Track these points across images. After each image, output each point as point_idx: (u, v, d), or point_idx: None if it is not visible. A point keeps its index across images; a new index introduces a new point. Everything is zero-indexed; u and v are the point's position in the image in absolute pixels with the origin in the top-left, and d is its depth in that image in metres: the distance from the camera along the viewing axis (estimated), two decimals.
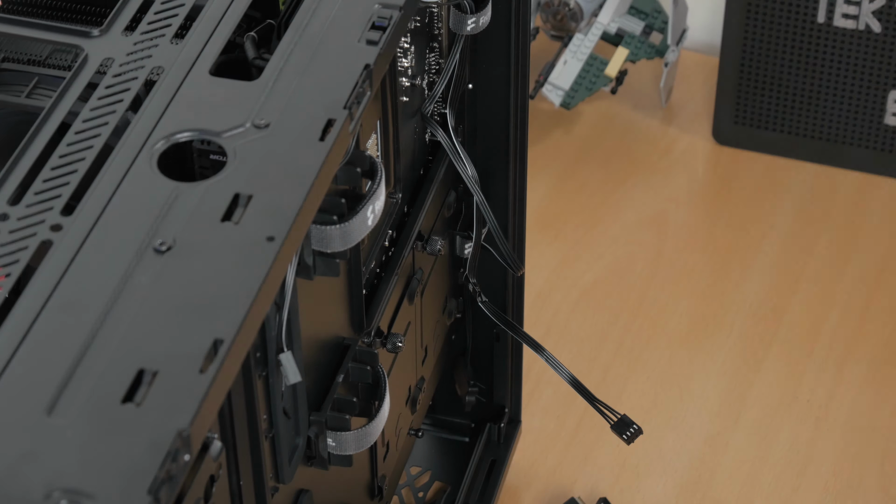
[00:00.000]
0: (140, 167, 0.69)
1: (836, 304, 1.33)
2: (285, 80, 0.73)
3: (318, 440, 0.82)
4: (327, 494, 0.88)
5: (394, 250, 0.93)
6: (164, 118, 0.72)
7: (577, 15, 1.43)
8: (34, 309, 0.63)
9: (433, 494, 1.18)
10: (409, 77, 0.91)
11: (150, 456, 0.57)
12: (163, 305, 0.63)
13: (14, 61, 0.83)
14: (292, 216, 0.66)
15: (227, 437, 0.70)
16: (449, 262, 1.04)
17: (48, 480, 0.57)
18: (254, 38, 0.79)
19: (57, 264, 0.65)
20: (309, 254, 0.75)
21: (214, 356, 0.61)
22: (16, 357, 0.62)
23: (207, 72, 0.74)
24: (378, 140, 0.86)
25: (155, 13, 0.79)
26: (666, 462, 1.21)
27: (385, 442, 0.96)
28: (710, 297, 1.34)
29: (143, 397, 0.59)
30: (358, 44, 0.75)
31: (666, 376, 1.28)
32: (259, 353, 0.73)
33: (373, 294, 0.90)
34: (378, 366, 0.86)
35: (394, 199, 0.91)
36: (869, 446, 1.22)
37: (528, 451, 1.21)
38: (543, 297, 1.34)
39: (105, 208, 0.67)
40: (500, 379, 1.16)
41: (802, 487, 1.19)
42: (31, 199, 0.69)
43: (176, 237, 0.65)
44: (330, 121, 0.71)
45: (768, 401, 1.25)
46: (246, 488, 0.74)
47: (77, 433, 0.58)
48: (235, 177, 0.68)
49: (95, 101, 0.73)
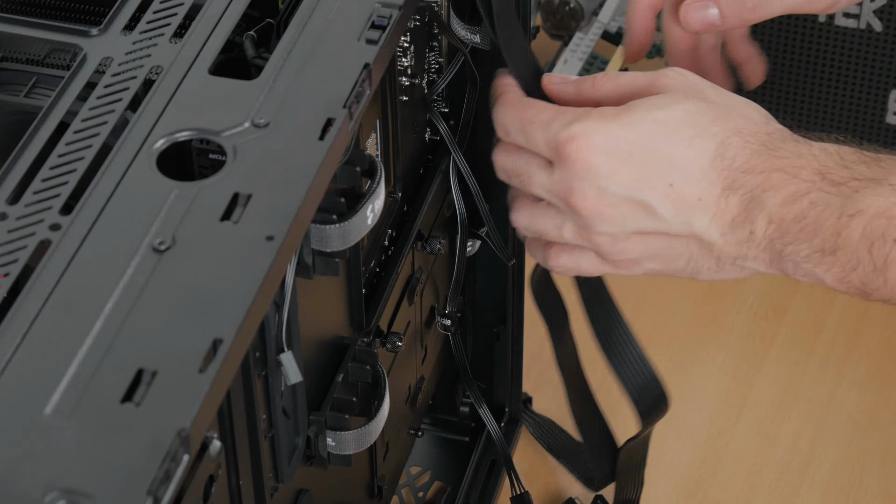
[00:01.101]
0: (139, 166, 0.69)
1: (837, 304, 1.32)
2: (284, 79, 0.73)
3: (317, 440, 0.82)
4: (327, 494, 0.88)
5: (393, 249, 0.93)
6: (163, 117, 0.72)
7: (578, 14, 1.43)
8: (33, 309, 0.63)
9: (433, 494, 1.18)
10: (409, 76, 0.90)
11: (149, 456, 0.57)
12: (162, 305, 0.63)
13: (12, 60, 0.83)
14: (292, 215, 0.66)
15: (226, 437, 0.70)
16: (449, 262, 1.04)
17: (47, 480, 0.57)
18: (253, 38, 0.79)
19: (56, 264, 0.65)
20: (308, 253, 0.74)
21: (214, 356, 0.61)
22: (14, 357, 0.61)
23: (206, 71, 0.74)
24: (378, 139, 0.86)
25: (154, 12, 0.79)
26: (666, 462, 1.20)
27: (385, 441, 0.96)
28: (710, 297, 1.33)
29: (142, 397, 0.59)
30: (357, 43, 0.75)
31: (666, 376, 1.27)
32: (258, 353, 0.73)
33: (372, 293, 0.90)
34: (378, 365, 0.86)
35: (393, 197, 0.91)
36: (870, 446, 1.21)
37: (528, 451, 1.20)
38: None
39: (104, 208, 0.67)
40: (500, 379, 1.16)
41: (803, 487, 1.18)
42: (29, 199, 0.68)
43: (175, 236, 0.65)
44: (329, 120, 0.71)
45: (769, 400, 1.25)
46: (245, 488, 0.74)
47: (76, 433, 0.58)
48: (235, 176, 0.68)
49: (94, 101, 0.73)
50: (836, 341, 1.30)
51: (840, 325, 1.31)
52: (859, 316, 1.32)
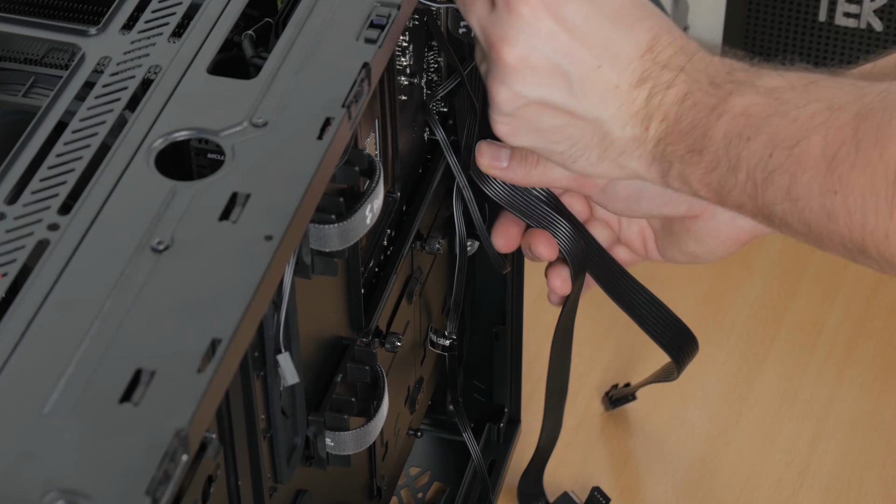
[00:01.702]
0: (137, 166, 0.69)
1: (837, 304, 1.32)
2: (283, 79, 0.73)
3: (316, 440, 0.82)
4: (326, 495, 0.87)
5: (392, 249, 0.93)
6: (161, 117, 0.71)
7: None
8: (31, 308, 0.63)
9: (433, 495, 1.17)
10: (408, 75, 0.90)
11: (148, 456, 0.57)
12: (160, 305, 0.63)
13: (11, 60, 0.83)
14: (290, 215, 0.66)
15: (224, 437, 0.70)
16: (448, 262, 1.04)
17: (45, 481, 0.57)
18: (251, 37, 0.79)
19: (54, 264, 0.65)
20: (307, 253, 0.74)
21: (212, 356, 0.61)
22: (13, 357, 0.61)
23: (205, 70, 0.74)
24: (376, 138, 0.86)
25: (152, 11, 0.78)
26: (667, 462, 1.20)
27: (384, 442, 0.96)
28: (710, 297, 1.33)
29: (141, 397, 0.59)
30: (356, 42, 0.75)
31: None
32: (257, 353, 0.73)
33: (371, 293, 0.90)
34: (377, 365, 0.86)
35: (392, 197, 0.90)
36: (870, 447, 1.21)
37: (528, 452, 1.20)
38: (543, 297, 1.34)
39: (102, 207, 0.67)
40: (499, 379, 1.16)
41: (803, 488, 1.18)
42: (28, 199, 0.68)
43: (173, 236, 0.65)
44: (328, 119, 0.71)
45: (769, 401, 1.25)
46: (244, 488, 0.73)
47: (74, 433, 0.58)
48: (233, 175, 0.68)
49: (92, 100, 0.73)
50: (836, 341, 1.30)
51: (840, 326, 1.31)
52: (859, 316, 1.31)
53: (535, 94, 0.82)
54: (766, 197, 0.77)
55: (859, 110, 0.73)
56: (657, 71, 0.81)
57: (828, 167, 0.74)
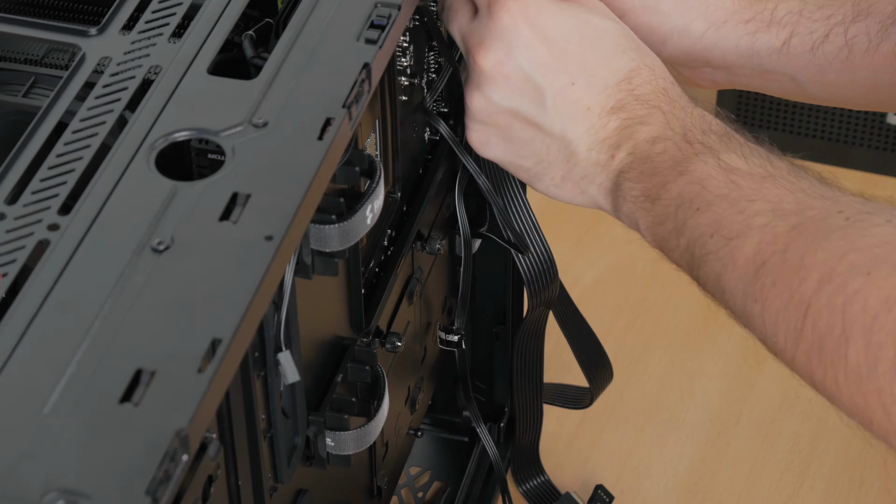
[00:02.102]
0: (138, 166, 0.69)
1: None
2: (283, 79, 0.73)
3: (316, 440, 0.82)
4: (326, 494, 0.87)
5: (393, 249, 0.93)
6: (161, 117, 0.71)
7: None
8: (31, 309, 0.63)
9: (433, 494, 1.17)
10: (408, 76, 0.90)
11: (148, 456, 0.57)
12: (161, 305, 0.63)
13: (11, 60, 0.83)
14: (291, 215, 0.66)
15: (225, 437, 0.70)
16: (449, 262, 1.04)
17: (45, 481, 0.57)
18: (252, 37, 0.79)
19: (54, 264, 0.65)
20: (307, 253, 0.74)
21: (212, 356, 0.61)
22: (13, 357, 0.61)
23: (205, 71, 0.74)
24: (377, 139, 0.86)
25: (153, 12, 0.78)
26: (667, 462, 1.20)
27: (384, 442, 0.96)
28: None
29: (141, 397, 0.59)
30: (357, 42, 0.75)
31: (667, 377, 1.28)
32: (257, 353, 0.73)
33: (372, 293, 0.90)
34: (377, 365, 0.86)
35: (393, 197, 0.90)
36: (871, 446, 1.21)
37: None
38: None
39: (102, 208, 0.67)
40: (500, 379, 1.16)
41: (804, 488, 1.18)
42: (28, 199, 0.68)
43: (174, 236, 0.65)
44: (328, 120, 0.71)
45: (770, 401, 1.25)
46: (244, 488, 0.73)
47: (74, 433, 0.58)
48: (233, 176, 0.68)
49: (93, 101, 0.73)
50: None
51: None
52: None
53: (507, 103, 0.83)
54: (699, 274, 0.77)
55: (797, 224, 0.73)
56: (633, 103, 0.82)
57: (755, 274, 0.73)
